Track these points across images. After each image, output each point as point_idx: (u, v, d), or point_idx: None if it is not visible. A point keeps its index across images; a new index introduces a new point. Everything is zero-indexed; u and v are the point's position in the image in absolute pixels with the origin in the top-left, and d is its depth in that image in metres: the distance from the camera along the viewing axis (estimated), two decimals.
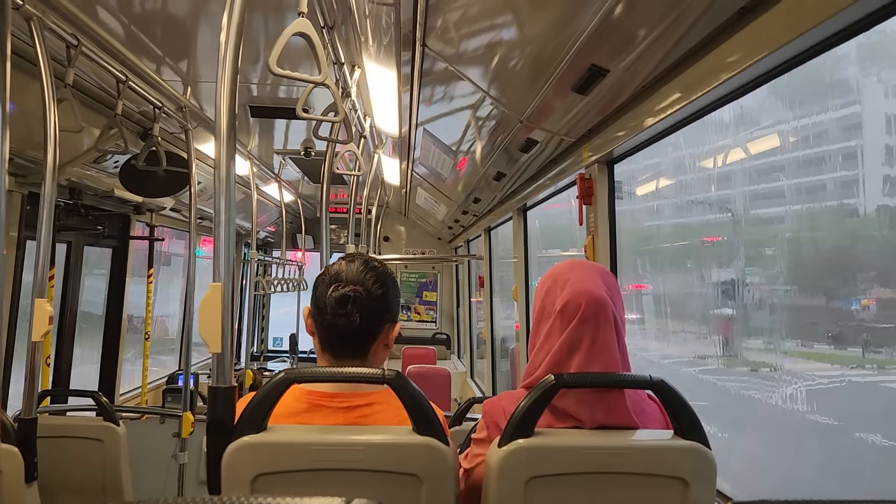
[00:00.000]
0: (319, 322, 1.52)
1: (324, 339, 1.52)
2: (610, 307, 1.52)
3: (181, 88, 3.42)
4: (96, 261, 5.30)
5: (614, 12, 1.73)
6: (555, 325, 1.57)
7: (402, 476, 1.31)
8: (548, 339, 1.58)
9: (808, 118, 2.45)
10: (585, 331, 1.51)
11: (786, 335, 2.70)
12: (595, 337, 1.50)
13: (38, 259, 2.23)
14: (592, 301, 1.52)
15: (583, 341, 1.50)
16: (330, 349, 1.52)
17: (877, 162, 2.24)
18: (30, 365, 2.23)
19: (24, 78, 2.51)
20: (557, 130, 2.86)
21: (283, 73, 1.71)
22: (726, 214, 3.23)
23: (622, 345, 1.54)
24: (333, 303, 1.47)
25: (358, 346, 1.52)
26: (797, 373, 2.54)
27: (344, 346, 1.52)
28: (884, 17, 1.30)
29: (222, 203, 1.35)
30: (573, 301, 1.54)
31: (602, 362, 1.49)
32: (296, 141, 4.95)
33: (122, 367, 5.28)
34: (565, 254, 5.19)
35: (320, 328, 1.52)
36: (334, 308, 1.47)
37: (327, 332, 1.51)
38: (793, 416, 2.52)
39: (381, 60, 2.70)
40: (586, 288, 1.54)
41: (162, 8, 2.54)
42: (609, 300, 1.53)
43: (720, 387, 3.28)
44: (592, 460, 1.34)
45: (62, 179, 3.78)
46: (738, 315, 3.03)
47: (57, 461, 2.48)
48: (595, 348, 1.50)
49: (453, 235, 8.75)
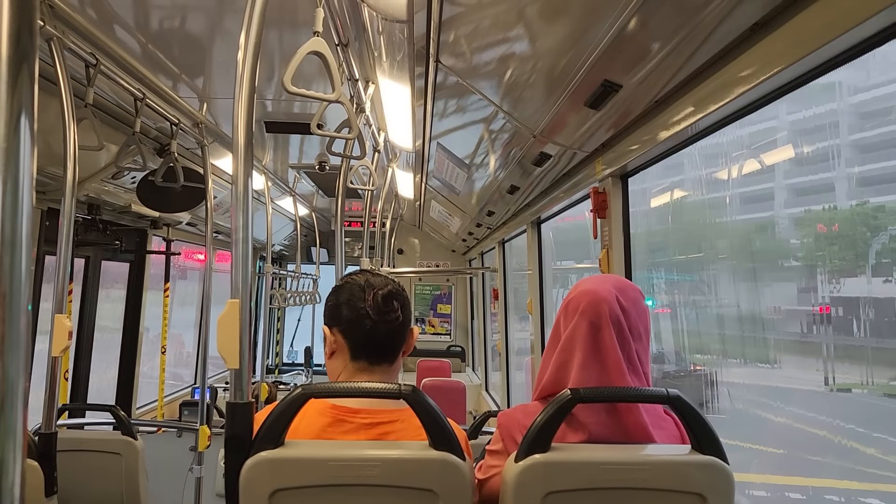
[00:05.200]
0: (355, 330, 1.57)
1: (360, 346, 1.57)
2: (614, 309, 1.53)
3: (197, 105, 3.46)
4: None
5: (627, 27, 1.74)
6: (559, 324, 1.60)
7: (418, 491, 1.31)
8: (554, 340, 1.61)
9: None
10: (584, 326, 1.53)
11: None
12: (595, 334, 1.51)
13: (58, 274, 2.26)
14: (594, 299, 1.54)
15: (584, 338, 1.52)
16: (366, 355, 1.57)
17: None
18: (49, 379, 2.26)
19: (43, 96, 2.55)
20: (571, 144, 2.87)
21: (298, 92, 1.74)
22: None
23: (630, 352, 1.53)
24: (380, 302, 1.55)
25: (395, 347, 1.60)
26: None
27: (382, 349, 1.58)
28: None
29: (240, 219, 1.36)
30: (576, 298, 1.57)
31: (600, 363, 1.50)
32: (310, 155, 4.98)
33: (139, 381, 5.31)
34: (580, 266, 5.19)
35: (357, 336, 1.57)
36: (381, 307, 1.55)
37: (368, 336, 1.56)
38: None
39: (394, 76, 2.72)
40: (592, 289, 1.56)
41: (178, 26, 2.57)
42: (615, 303, 1.53)
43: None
44: (609, 475, 1.34)
45: (81, 195, 3.82)
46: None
47: (76, 475, 2.50)
48: (593, 344, 1.51)
49: (467, 248, 8.76)
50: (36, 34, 0.84)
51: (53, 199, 3.56)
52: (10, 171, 0.78)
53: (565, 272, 5.26)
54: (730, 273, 3.33)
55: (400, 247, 9.49)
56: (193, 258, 7.04)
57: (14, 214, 0.78)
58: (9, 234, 0.77)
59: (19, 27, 0.80)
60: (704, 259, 3.56)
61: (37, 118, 0.84)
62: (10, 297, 0.78)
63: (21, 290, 0.78)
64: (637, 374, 1.53)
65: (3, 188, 0.78)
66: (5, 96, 0.79)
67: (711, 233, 3.49)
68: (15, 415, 0.77)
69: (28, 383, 0.79)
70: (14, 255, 0.78)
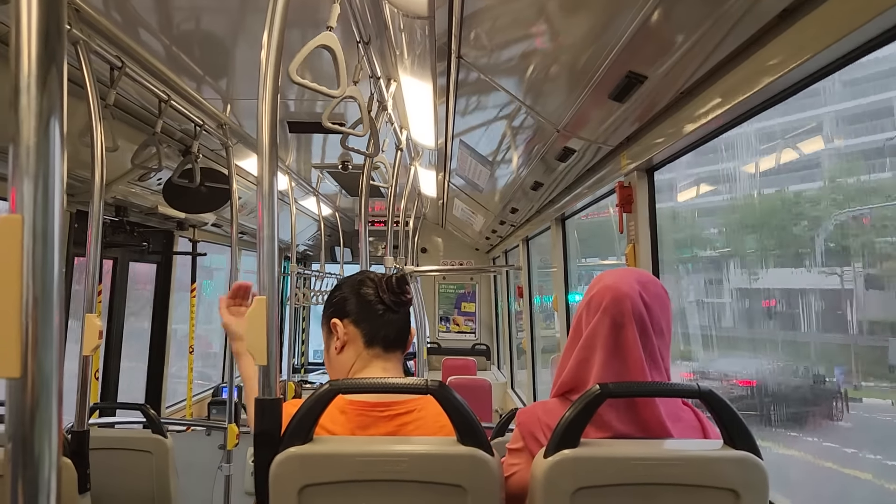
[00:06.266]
0: (368, 315, 1.63)
1: (374, 333, 1.63)
2: (637, 304, 1.51)
3: (221, 106, 3.48)
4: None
5: (651, 19, 1.72)
6: (581, 320, 1.59)
7: (447, 487, 1.31)
8: (575, 335, 1.59)
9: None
10: (606, 323, 1.51)
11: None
12: (618, 332, 1.50)
13: (88, 275, 2.29)
14: (617, 296, 1.52)
15: (606, 335, 1.50)
16: (381, 342, 1.63)
17: None
18: (81, 378, 2.29)
19: (69, 99, 2.58)
20: (595, 139, 2.85)
21: (302, 83, 1.75)
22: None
23: (652, 348, 1.52)
24: (395, 284, 1.65)
25: (405, 331, 1.67)
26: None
27: (396, 332, 1.65)
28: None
29: (265, 218, 1.37)
30: (598, 294, 1.55)
31: (621, 360, 1.49)
32: (333, 155, 5.00)
33: (167, 381, 5.37)
34: (605, 263, 5.15)
35: (371, 321, 1.63)
36: (395, 289, 1.64)
37: (382, 321, 1.63)
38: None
39: (416, 73, 2.71)
40: (615, 284, 1.54)
41: (201, 28, 2.59)
42: (638, 299, 1.51)
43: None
44: (640, 471, 1.32)
45: (108, 197, 3.87)
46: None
47: (108, 472, 2.54)
48: (615, 342, 1.50)
49: (491, 246, 8.74)
50: (64, 35, 0.85)
51: (82, 202, 3.61)
52: (40, 170, 0.79)
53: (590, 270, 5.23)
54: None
55: (423, 246, 9.50)
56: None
57: (45, 213, 0.79)
58: (41, 233, 0.78)
59: (48, 28, 0.81)
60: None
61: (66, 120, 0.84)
62: (42, 297, 0.78)
63: (53, 289, 0.79)
64: (658, 370, 1.52)
65: (34, 188, 0.79)
66: (35, 97, 0.80)
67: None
68: (50, 411, 0.78)
69: (62, 382, 0.80)
70: (46, 255, 0.79)
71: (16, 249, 0.77)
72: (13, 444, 0.77)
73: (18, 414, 0.77)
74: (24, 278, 0.77)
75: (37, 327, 0.77)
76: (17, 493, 0.77)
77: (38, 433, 0.77)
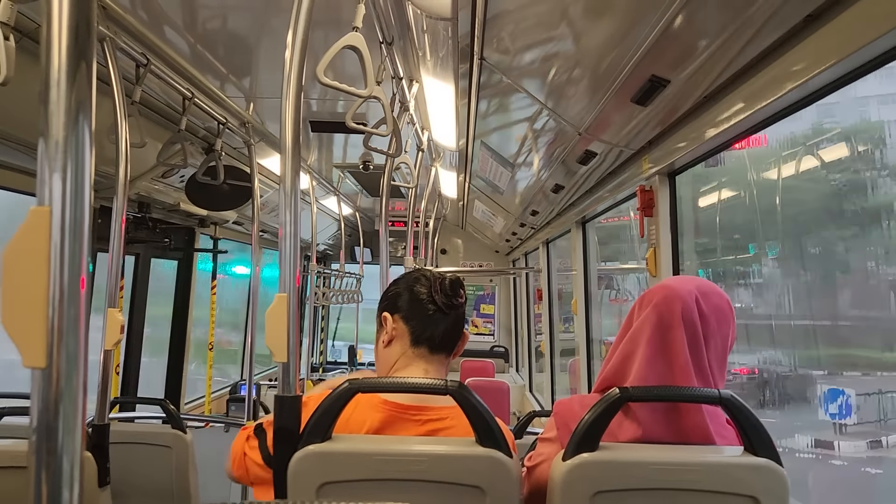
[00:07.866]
0: (418, 314, 1.60)
1: (421, 332, 1.60)
2: (689, 308, 1.46)
3: (244, 104, 3.51)
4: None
5: (674, 23, 1.71)
6: (633, 315, 1.56)
7: (465, 488, 1.31)
8: (624, 330, 1.57)
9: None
10: (653, 318, 1.48)
11: None
12: (665, 332, 1.46)
13: (111, 270, 2.31)
14: (670, 294, 1.48)
15: (651, 331, 1.47)
16: (427, 342, 1.59)
17: None
18: (102, 373, 2.31)
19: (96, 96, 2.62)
20: (617, 142, 2.84)
21: (330, 84, 1.75)
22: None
23: (700, 357, 1.46)
24: (448, 287, 1.61)
25: (454, 335, 1.63)
26: None
27: (444, 335, 1.61)
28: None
29: (288, 216, 1.38)
30: (652, 291, 1.53)
31: (667, 362, 1.45)
32: (354, 155, 5.02)
33: (187, 377, 5.41)
34: (624, 266, 5.13)
35: (420, 322, 1.60)
36: (448, 291, 1.60)
37: (431, 321, 1.60)
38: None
39: (438, 74, 2.72)
40: (671, 284, 1.51)
41: (226, 27, 2.61)
42: (693, 304, 1.47)
43: None
44: (660, 476, 1.31)
45: (132, 194, 3.91)
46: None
47: (127, 467, 2.56)
48: (661, 341, 1.46)
49: (511, 248, 8.73)
50: (94, 32, 0.86)
51: (105, 197, 3.65)
52: (69, 164, 0.80)
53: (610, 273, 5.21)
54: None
55: (443, 247, 9.50)
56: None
57: (74, 207, 0.80)
58: (69, 226, 0.79)
59: (77, 24, 0.82)
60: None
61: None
62: (69, 289, 0.80)
63: (78, 283, 0.80)
64: (705, 381, 1.46)
65: (62, 181, 0.80)
66: (65, 92, 0.81)
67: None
68: (74, 403, 0.80)
69: (86, 374, 0.81)
70: (74, 248, 0.80)
71: (43, 241, 0.78)
72: (37, 433, 0.78)
73: (43, 404, 0.78)
74: (51, 270, 0.78)
75: (62, 319, 0.79)
76: (40, 484, 0.79)
77: (62, 424, 0.79)
